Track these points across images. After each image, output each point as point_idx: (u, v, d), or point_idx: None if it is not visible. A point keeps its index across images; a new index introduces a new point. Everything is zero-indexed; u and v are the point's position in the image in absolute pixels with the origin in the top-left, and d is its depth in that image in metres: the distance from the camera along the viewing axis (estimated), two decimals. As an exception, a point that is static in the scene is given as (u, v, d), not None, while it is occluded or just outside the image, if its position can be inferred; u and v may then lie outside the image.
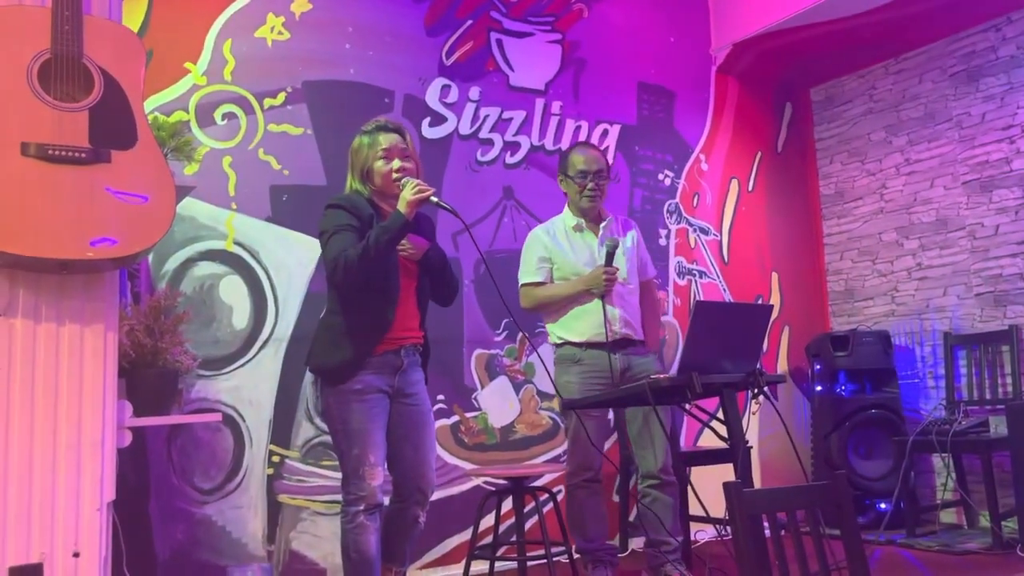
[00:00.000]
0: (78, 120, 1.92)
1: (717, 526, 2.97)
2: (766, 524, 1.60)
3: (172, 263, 3.25)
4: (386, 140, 2.61)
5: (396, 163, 2.59)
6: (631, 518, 4.06)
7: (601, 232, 3.30)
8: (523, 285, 3.31)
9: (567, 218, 3.36)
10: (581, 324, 3.21)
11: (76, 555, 1.91)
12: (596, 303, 3.15)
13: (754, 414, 4.60)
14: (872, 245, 4.94)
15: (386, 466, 2.59)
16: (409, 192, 2.48)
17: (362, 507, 2.50)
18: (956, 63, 4.57)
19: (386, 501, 2.59)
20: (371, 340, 2.52)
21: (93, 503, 1.95)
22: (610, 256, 3.14)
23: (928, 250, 4.66)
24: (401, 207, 2.48)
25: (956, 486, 4.19)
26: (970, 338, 4.38)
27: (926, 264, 4.66)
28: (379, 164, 2.60)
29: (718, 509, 2.65)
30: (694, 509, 3.33)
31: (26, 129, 1.86)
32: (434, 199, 2.52)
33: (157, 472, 3.12)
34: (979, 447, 3.86)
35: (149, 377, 2.42)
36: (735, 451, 2.44)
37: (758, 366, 2.56)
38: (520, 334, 3.99)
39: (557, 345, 3.29)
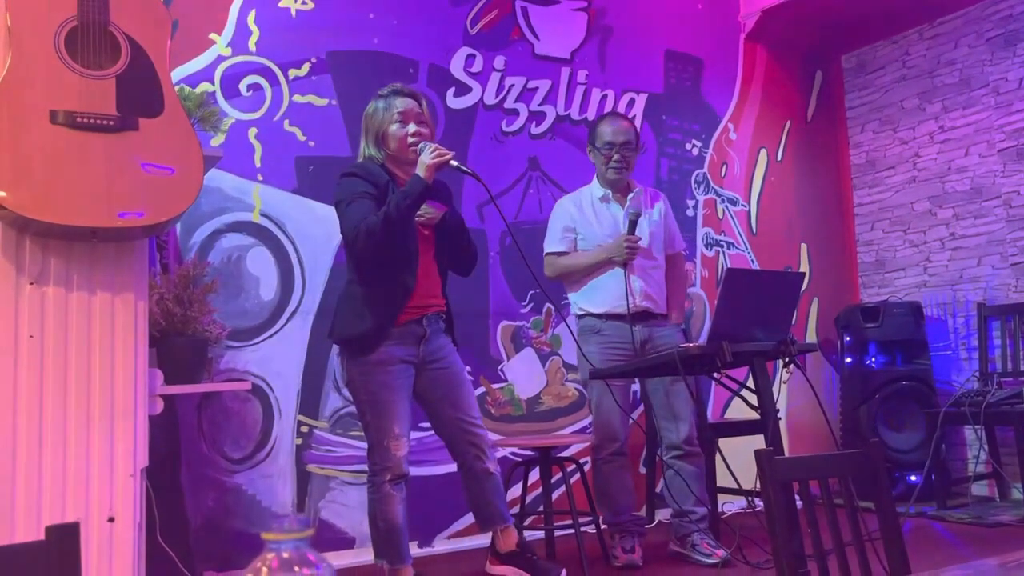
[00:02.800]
0: (105, 88, 1.92)
1: (748, 498, 2.96)
2: (798, 498, 1.57)
3: (200, 235, 3.25)
4: (402, 104, 2.58)
5: (412, 127, 2.56)
6: (657, 489, 4.06)
7: (627, 203, 3.27)
8: (547, 254, 3.32)
9: (595, 188, 3.34)
10: (601, 295, 3.20)
11: (111, 520, 1.94)
12: (617, 274, 3.14)
13: (785, 383, 4.56)
14: (904, 215, 4.86)
15: (410, 436, 2.60)
16: (428, 156, 2.44)
17: (388, 477, 2.51)
18: (993, 27, 4.45)
19: (411, 471, 2.60)
20: (393, 309, 2.50)
21: (127, 469, 1.97)
22: (633, 225, 3.13)
23: (962, 219, 4.57)
24: (420, 171, 2.44)
25: (988, 458, 4.14)
26: (1004, 309, 4.30)
27: (960, 234, 4.58)
28: (394, 128, 2.57)
29: (746, 481, 2.64)
30: (725, 480, 3.31)
31: (54, 97, 1.87)
32: (454, 163, 2.48)
33: (187, 441, 3.15)
34: (1013, 418, 3.80)
35: (179, 346, 2.44)
36: (766, 420, 2.42)
37: (789, 335, 2.53)
38: (547, 306, 3.98)
39: (579, 316, 3.29)
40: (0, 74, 1.87)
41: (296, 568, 0.64)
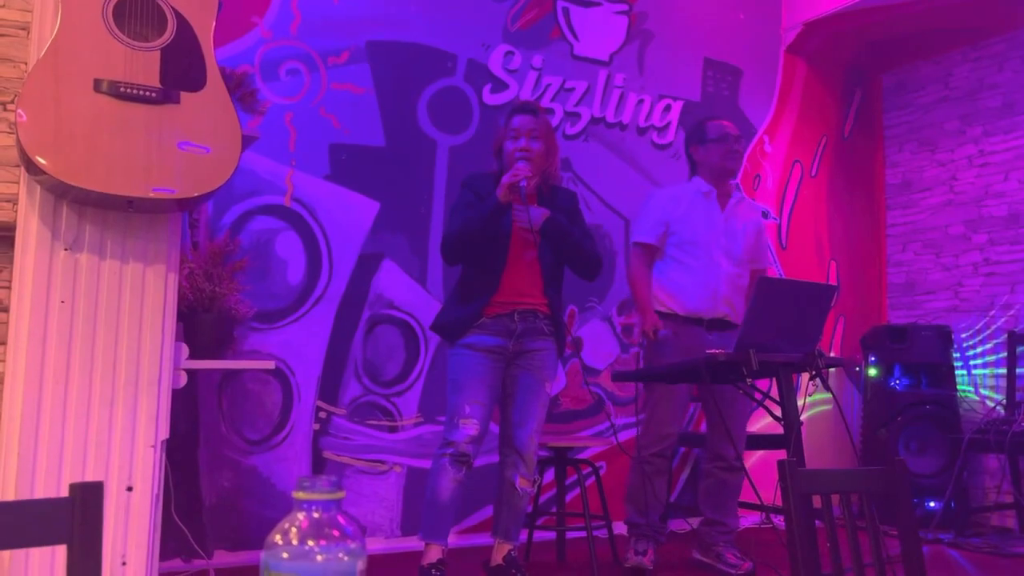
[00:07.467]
0: (150, 59, 1.93)
1: (765, 512, 2.92)
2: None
3: (231, 215, 3.27)
4: (517, 121, 2.77)
5: (522, 142, 2.74)
6: (672, 499, 4.02)
7: (728, 206, 3.22)
8: (635, 243, 3.24)
9: (698, 184, 3.24)
10: (686, 294, 3.15)
11: (130, 489, 1.95)
12: (702, 273, 3.11)
13: (811, 396, 4.50)
14: (937, 238, 4.79)
15: (486, 422, 2.67)
16: (508, 175, 2.62)
17: (450, 452, 2.63)
18: (1040, 52, 4.39)
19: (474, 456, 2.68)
20: (479, 302, 2.70)
21: (148, 440, 1.98)
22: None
23: (997, 245, 4.50)
24: (499, 189, 2.62)
25: (1011, 488, 4.07)
26: (1035, 338, 4.23)
27: (994, 260, 4.50)
28: (508, 143, 2.77)
29: (763, 496, 2.61)
30: (743, 494, 3.27)
31: (99, 65, 1.88)
32: (522, 184, 2.60)
33: (207, 420, 3.16)
34: (1038, 450, 3.74)
35: (206, 322, 2.45)
36: (789, 432, 2.39)
37: (817, 348, 2.49)
38: (570, 307, 3.96)
39: (659, 313, 3.18)
40: (47, 41, 1.88)
41: (326, 529, 0.63)
